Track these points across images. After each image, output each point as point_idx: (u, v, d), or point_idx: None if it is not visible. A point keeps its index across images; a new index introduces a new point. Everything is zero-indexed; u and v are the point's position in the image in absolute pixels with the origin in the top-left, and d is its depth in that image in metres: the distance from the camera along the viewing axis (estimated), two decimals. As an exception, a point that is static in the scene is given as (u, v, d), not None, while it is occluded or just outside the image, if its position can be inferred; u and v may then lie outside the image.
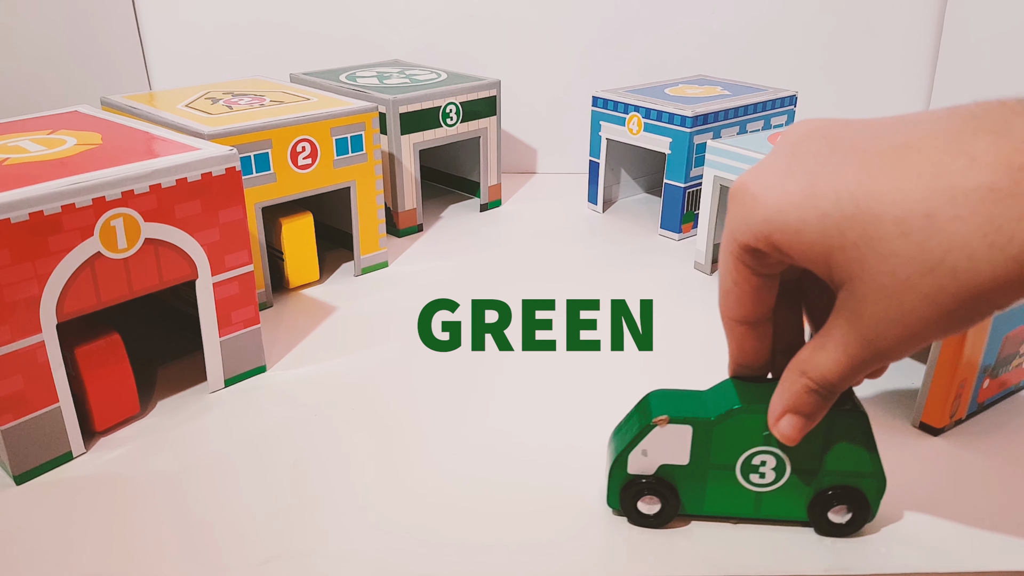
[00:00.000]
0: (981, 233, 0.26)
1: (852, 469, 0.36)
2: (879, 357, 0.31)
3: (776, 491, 0.37)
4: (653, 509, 0.37)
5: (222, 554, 0.36)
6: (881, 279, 0.28)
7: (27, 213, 0.37)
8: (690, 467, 0.37)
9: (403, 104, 0.68)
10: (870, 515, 0.37)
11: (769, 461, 0.36)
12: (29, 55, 0.78)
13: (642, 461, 0.37)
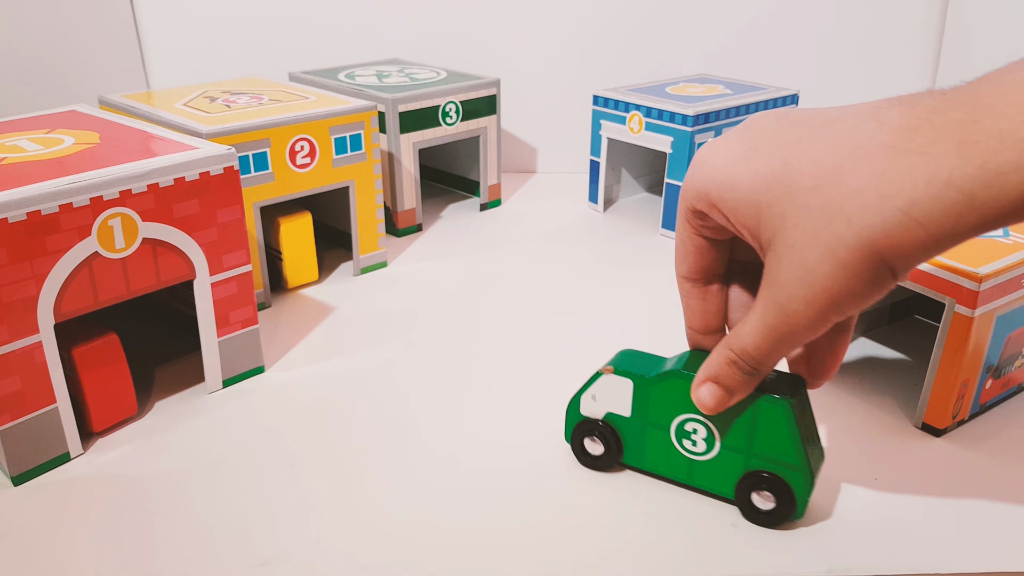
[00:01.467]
0: (874, 184, 0.28)
1: (778, 458, 0.36)
2: (791, 325, 0.32)
3: (708, 462, 0.38)
4: (597, 451, 0.40)
5: (220, 555, 0.35)
6: (795, 234, 0.30)
7: (25, 213, 0.37)
8: (632, 420, 0.39)
9: (402, 103, 0.68)
10: (795, 512, 0.37)
11: (700, 430, 0.38)
12: (27, 54, 0.78)
13: (592, 405, 0.40)
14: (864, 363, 0.52)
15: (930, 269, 0.43)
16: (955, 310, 0.42)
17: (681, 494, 0.39)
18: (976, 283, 0.41)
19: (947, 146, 0.27)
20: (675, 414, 0.38)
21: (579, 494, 0.39)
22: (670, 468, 0.39)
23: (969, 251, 0.43)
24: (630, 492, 0.40)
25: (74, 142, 0.45)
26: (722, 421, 0.37)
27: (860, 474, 0.41)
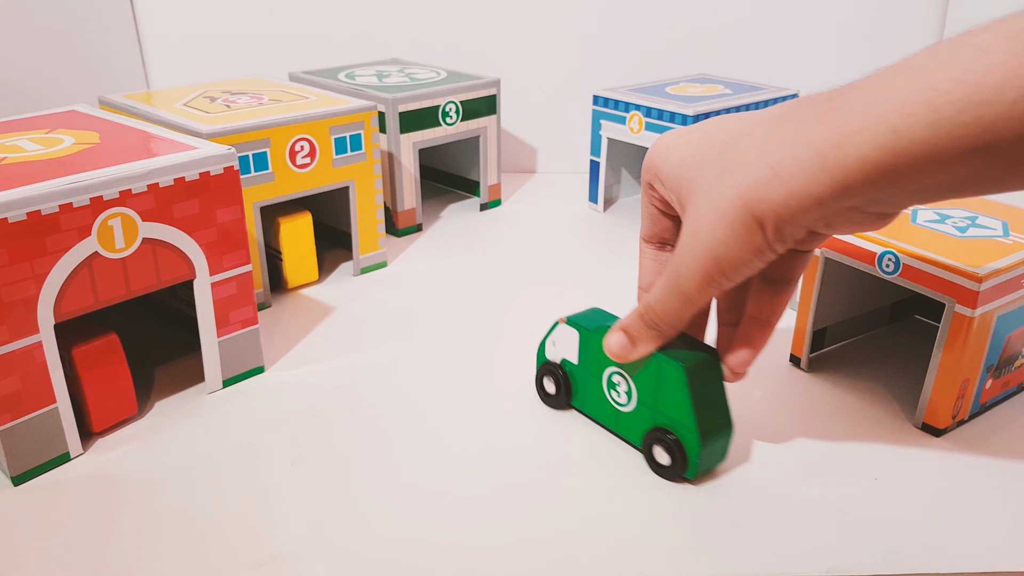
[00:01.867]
0: (757, 146, 0.32)
1: (676, 416, 0.39)
2: (681, 279, 0.35)
3: (627, 414, 0.42)
4: (552, 390, 0.46)
5: (220, 555, 0.35)
6: (697, 194, 0.34)
7: (25, 213, 0.37)
8: (578, 367, 0.44)
9: (402, 103, 0.68)
10: (686, 468, 0.39)
11: (622, 384, 0.42)
12: (27, 54, 0.78)
13: (552, 350, 0.46)
14: (864, 363, 0.52)
15: (930, 269, 0.43)
16: (955, 310, 0.42)
17: (681, 494, 0.39)
18: (976, 283, 0.41)
19: (816, 115, 0.30)
20: (606, 366, 0.42)
21: (580, 494, 0.39)
22: (602, 415, 0.44)
23: (969, 251, 0.43)
24: (630, 492, 0.40)
25: (74, 142, 0.45)
26: (638, 378, 0.41)
27: (860, 474, 0.41)
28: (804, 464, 0.42)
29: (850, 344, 0.54)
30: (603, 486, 0.40)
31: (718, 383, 0.40)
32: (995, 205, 0.51)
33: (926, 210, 0.50)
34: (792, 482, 0.40)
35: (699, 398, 0.39)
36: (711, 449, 0.39)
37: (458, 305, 0.60)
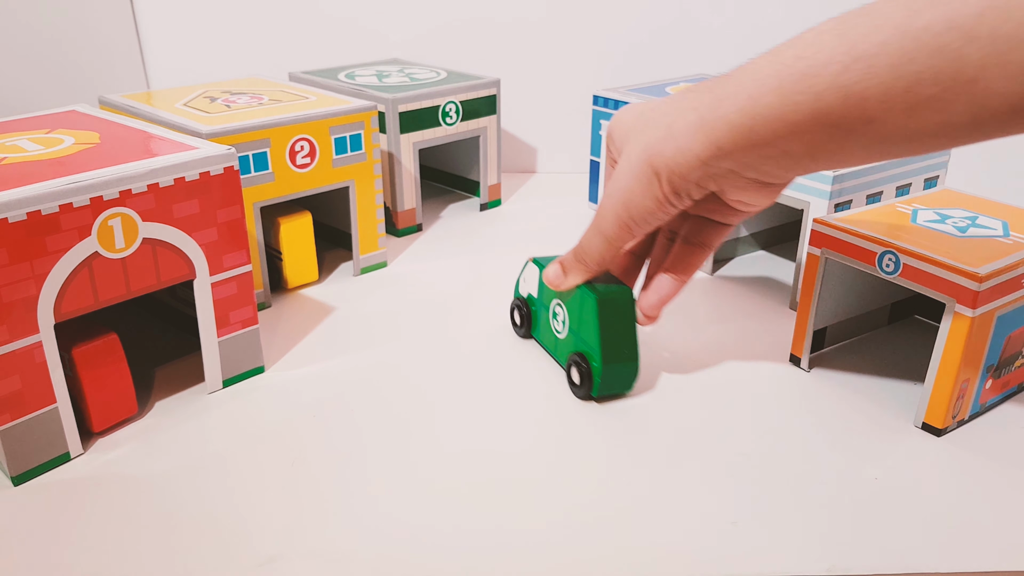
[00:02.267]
0: (662, 113, 0.38)
1: (589, 341, 0.46)
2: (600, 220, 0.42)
3: (562, 341, 0.49)
4: (518, 321, 0.54)
5: (220, 555, 0.35)
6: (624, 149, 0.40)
7: (25, 213, 0.37)
8: (537, 300, 0.52)
9: (402, 103, 0.68)
10: (592, 388, 0.46)
11: (560, 314, 0.49)
12: (27, 54, 0.78)
13: (523, 286, 0.54)
14: (864, 363, 0.52)
15: (930, 269, 0.43)
16: (955, 310, 0.42)
17: (681, 493, 0.39)
18: (976, 283, 0.41)
19: (708, 86, 0.36)
20: (552, 298, 0.49)
21: (579, 494, 0.39)
22: (547, 343, 0.51)
23: (969, 251, 0.43)
24: (630, 491, 0.40)
25: (74, 142, 0.45)
26: (569, 307, 0.47)
27: (860, 473, 0.41)
28: (804, 463, 0.42)
29: (850, 344, 0.54)
30: (603, 485, 0.40)
31: (629, 320, 0.45)
32: (995, 205, 0.51)
33: (926, 210, 0.50)
34: (792, 481, 0.40)
35: (607, 327, 0.45)
36: (613, 374, 0.46)
37: (458, 305, 0.60)
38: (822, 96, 0.32)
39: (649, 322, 0.46)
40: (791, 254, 0.67)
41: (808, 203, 0.55)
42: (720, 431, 0.45)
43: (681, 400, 0.47)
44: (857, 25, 0.31)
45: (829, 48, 0.32)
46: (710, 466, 0.42)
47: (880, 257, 0.45)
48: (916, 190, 0.60)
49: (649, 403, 0.47)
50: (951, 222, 0.48)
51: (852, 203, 0.56)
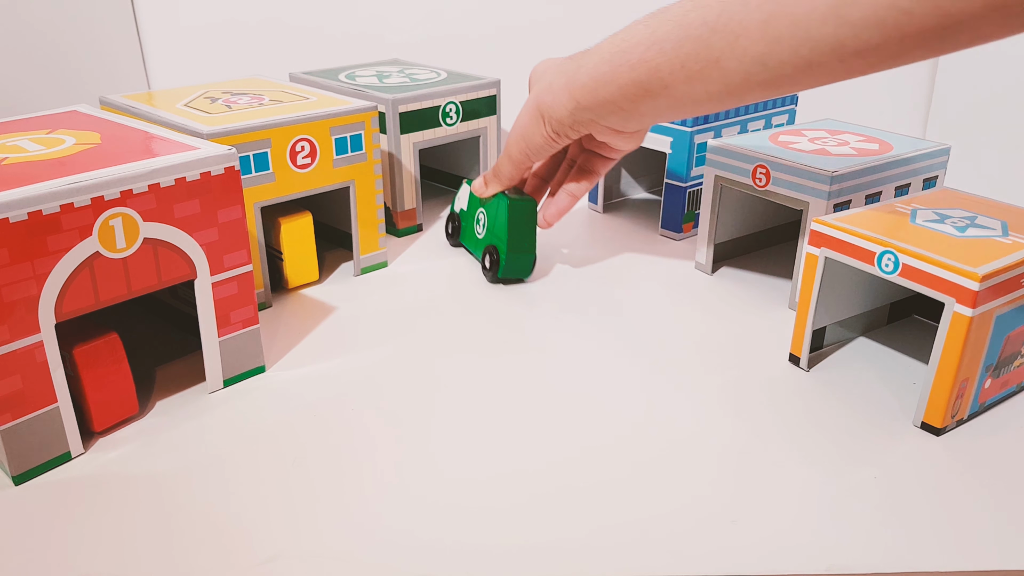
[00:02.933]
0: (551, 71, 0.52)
1: (499, 235, 0.61)
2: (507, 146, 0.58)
3: (481, 240, 0.64)
4: (451, 231, 0.69)
5: (221, 554, 0.35)
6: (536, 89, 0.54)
7: (26, 212, 0.37)
8: (466, 212, 0.67)
9: (403, 103, 0.68)
10: (499, 270, 0.61)
11: (482, 219, 0.63)
12: (28, 55, 0.78)
13: (456, 203, 0.69)
14: (864, 363, 0.52)
15: (929, 269, 0.43)
16: (954, 309, 0.42)
17: (680, 492, 0.40)
18: (975, 282, 0.41)
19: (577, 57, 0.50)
20: (476, 208, 0.64)
21: (578, 493, 0.40)
22: (470, 244, 0.66)
23: (968, 251, 0.44)
24: (629, 490, 0.40)
25: (75, 142, 0.45)
26: (489, 214, 0.62)
27: (859, 473, 0.41)
28: (803, 462, 0.42)
29: (849, 344, 0.54)
30: (602, 485, 0.40)
31: (532, 222, 0.60)
32: (994, 205, 0.51)
33: (925, 210, 0.50)
34: (791, 480, 0.41)
35: (514, 225, 0.59)
36: (515, 261, 0.61)
37: (458, 305, 0.60)
38: (635, 67, 0.45)
39: (547, 226, 0.61)
40: (791, 254, 0.67)
41: (808, 203, 0.55)
42: (719, 430, 0.45)
43: (680, 399, 0.48)
44: (657, 18, 0.44)
45: (639, 35, 0.45)
46: (709, 465, 0.42)
47: (879, 257, 0.45)
48: (915, 190, 0.60)
49: (648, 402, 0.47)
50: (950, 222, 0.48)
51: (851, 203, 0.56)
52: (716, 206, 0.63)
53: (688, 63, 0.42)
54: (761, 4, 0.39)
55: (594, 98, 0.48)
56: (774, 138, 0.62)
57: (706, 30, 0.41)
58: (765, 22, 0.39)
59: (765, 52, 0.39)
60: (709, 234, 0.64)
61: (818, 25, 0.37)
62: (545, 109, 0.52)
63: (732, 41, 0.40)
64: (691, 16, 0.42)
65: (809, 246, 0.49)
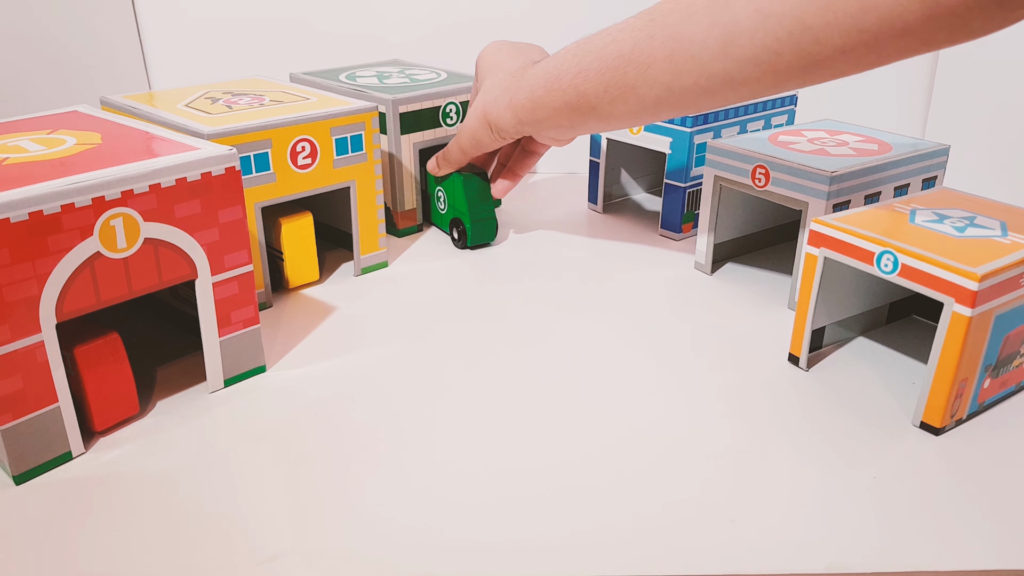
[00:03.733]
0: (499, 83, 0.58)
1: (461, 209, 0.68)
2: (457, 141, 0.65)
3: (443, 214, 0.71)
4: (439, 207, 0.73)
5: (222, 554, 0.35)
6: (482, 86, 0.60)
7: (27, 213, 0.37)
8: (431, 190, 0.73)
9: (403, 104, 0.68)
10: (466, 240, 0.68)
11: (442, 196, 0.71)
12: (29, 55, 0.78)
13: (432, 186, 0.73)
14: (863, 363, 0.52)
15: (929, 268, 0.43)
16: (953, 309, 0.42)
17: (680, 491, 0.40)
18: (974, 282, 0.41)
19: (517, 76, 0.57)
20: (435, 188, 0.71)
21: (579, 492, 0.40)
22: (439, 220, 0.73)
23: (967, 251, 0.44)
24: (628, 490, 0.40)
25: (76, 142, 0.45)
26: (447, 191, 0.70)
27: (859, 473, 0.41)
28: (802, 462, 0.42)
29: (848, 343, 0.54)
30: (602, 484, 0.40)
31: (486, 192, 0.68)
32: (993, 205, 0.51)
33: (924, 210, 0.50)
34: (790, 480, 0.41)
35: (471, 197, 0.67)
36: (480, 229, 0.69)
37: (458, 305, 0.60)
38: (566, 91, 0.52)
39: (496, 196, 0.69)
40: (790, 254, 0.67)
41: (807, 203, 0.55)
42: (719, 430, 0.45)
43: (680, 399, 0.48)
44: (583, 48, 0.51)
45: (567, 63, 0.52)
46: (709, 464, 0.42)
47: (879, 257, 0.45)
48: (914, 190, 0.60)
49: (648, 402, 0.47)
50: (949, 222, 0.48)
51: (851, 203, 0.56)
52: (716, 206, 0.63)
53: (609, 89, 0.49)
54: (665, 41, 0.46)
55: (533, 116, 0.55)
56: (773, 138, 0.62)
57: (622, 61, 0.48)
58: (669, 57, 0.46)
59: (671, 80, 0.47)
60: (709, 234, 0.64)
61: (710, 61, 0.44)
62: (491, 119, 0.58)
63: (643, 71, 0.47)
64: (609, 48, 0.49)
65: (808, 246, 0.49)
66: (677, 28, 0.45)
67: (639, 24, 0.48)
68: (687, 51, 0.45)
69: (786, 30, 0.40)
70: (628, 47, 0.48)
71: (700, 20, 0.44)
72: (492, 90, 0.58)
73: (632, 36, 0.48)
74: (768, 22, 0.41)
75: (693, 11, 0.45)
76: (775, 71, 0.42)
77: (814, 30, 0.39)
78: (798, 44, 0.40)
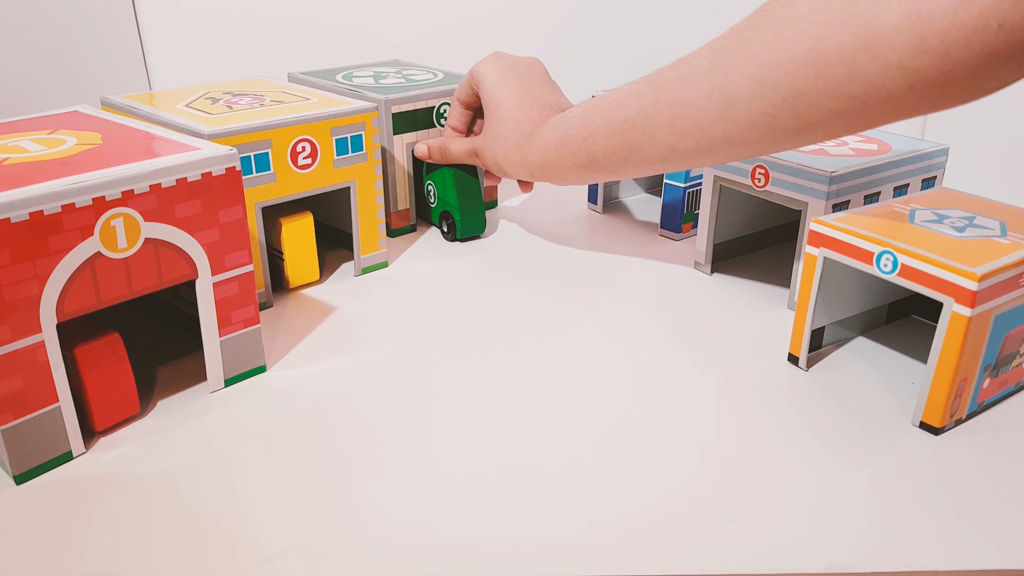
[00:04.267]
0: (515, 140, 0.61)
1: (451, 202, 0.70)
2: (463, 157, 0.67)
3: (434, 208, 0.73)
4: None
5: (222, 553, 0.36)
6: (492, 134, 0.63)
7: (27, 213, 0.37)
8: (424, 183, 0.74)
9: (395, 104, 0.68)
10: (456, 232, 0.71)
11: (432, 190, 0.72)
12: (29, 55, 0.78)
13: None
14: (862, 362, 0.52)
15: (928, 268, 0.43)
16: (953, 309, 0.42)
17: (679, 491, 0.40)
18: (974, 282, 0.41)
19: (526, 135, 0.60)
20: (426, 181, 0.72)
21: (577, 492, 0.40)
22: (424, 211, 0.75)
23: (967, 251, 0.44)
24: (627, 490, 0.40)
25: (76, 143, 0.45)
26: (436, 184, 0.71)
27: (858, 472, 0.41)
28: (802, 462, 0.42)
29: (848, 343, 0.54)
30: (601, 484, 0.40)
31: (476, 186, 0.70)
32: (992, 205, 0.51)
33: (924, 210, 0.50)
34: (790, 480, 0.41)
35: (461, 192, 0.69)
36: (469, 222, 0.70)
37: (458, 305, 0.60)
38: (576, 154, 0.55)
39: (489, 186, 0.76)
40: (790, 254, 0.67)
41: (807, 203, 0.55)
42: (718, 429, 0.45)
43: (679, 398, 0.48)
44: (591, 112, 0.54)
45: (577, 126, 0.55)
46: (708, 464, 0.42)
47: (878, 257, 0.45)
48: (914, 190, 0.60)
49: (647, 402, 0.47)
50: (949, 222, 0.48)
51: (850, 203, 0.56)
52: (715, 206, 0.63)
53: (617, 150, 0.53)
54: (668, 107, 0.48)
55: (546, 174, 0.59)
56: (773, 138, 0.62)
57: (628, 126, 0.51)
58: (672, 121, 0.48)
59: (674, 143, 0.49)
60: (708, 234, 0.64)
61: (711, 124, 0.46)
62: (503, 169, 0.63)
63: (649, 134, 0.50)
64: (616, 114, 0.52)
65: (808, 246, 0.49)
66: (679, 94, 0.48)
67: (644, 90, 0.50)
68: (689, 116, 0.47)
69: (781, 96, 0.42)
70: (634, 112, 0.50)
71: (700, 87, 0.46)
72: (502, 143, 0.61)
73: (637, 102, 0.50)
74: (764, 89, 0.43)
75: (694, 79, 0.47)
76: (772, 133, 0.44)
77: (807, 96, 0.41)
78: (793, 109, 0.42)
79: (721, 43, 0.46)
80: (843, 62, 0.39)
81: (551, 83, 0.65)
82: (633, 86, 0.52)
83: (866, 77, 0.39)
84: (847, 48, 0.39)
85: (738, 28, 0.45)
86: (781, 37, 0.42)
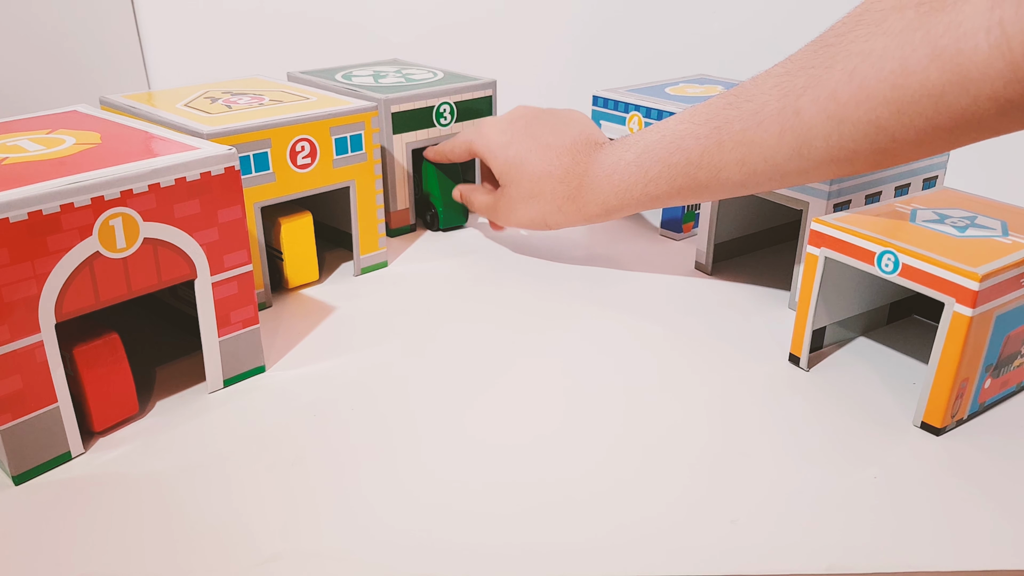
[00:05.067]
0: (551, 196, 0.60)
1: (434, 192, 0.72)
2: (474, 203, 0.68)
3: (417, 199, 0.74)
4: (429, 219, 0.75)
5: (221, 554, 0.35)
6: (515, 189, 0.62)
7: (26, 212, 0.37)
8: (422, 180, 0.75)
9: (395, 104, 0.68)
10: (438, 223, 0.73)
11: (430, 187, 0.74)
12: (28, 55, 0.78)
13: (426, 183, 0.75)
14: (863, 363, 0.52)
15: (929, 268, 0.43)
16: (954, 309, 0.42)
17: (679, 492, 0.40)
18: (975, 282, 0.41)
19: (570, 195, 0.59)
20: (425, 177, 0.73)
21: (577, 493, 0.40)
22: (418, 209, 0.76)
23: (968, 251, 0.44)
24: (627, 490, 0.40)
25: (75, 142, 0.45)
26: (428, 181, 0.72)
27: (859, 473, 0.41)
28: (803, 462, 0.42)
29: (849, 343, 0.54)
30: (601, 485, 0.40)
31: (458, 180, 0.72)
32: (993, 205, 0.51)
33: (925, 210, 0.50)
34: (791, 480, 0.41)
35: (443, 184, 0.72)
36: (451, 214, 0.73)
37: (458, 305, 0.60)
38: (640, 199, 0.55)
39: None
40: (791, 254, 0.67)
41: (807, 203, 0.55)
42: (719, 430, 0.45)
43: (680, 399, 0.48)
44: (645, 157, 0.54)
45: (633, 175, 0.55)
46: (709, 465, 0.42)
47: (879, 257, 0.45)
48: (915, 190, 0.60)
49: (647, 402, 0.47)
50: (950, 222, 0.48)
51: (851, 203, 0.56)
52: (716, 206, 0.63)
53: (682, 191, 0.53)
54: (734, 148, 0.48)
55: (607, 218, 0.59)
56: (774, 138, 0.62)
57: (692, 168, 0.51)
58: (741, 160, 0.48)
59: (744, 179, 0.49)
60: (709, 234, 0.64)
61: (784, 162, 0.46)
62: (559, 223, 0.61)
63: (715, 174, 0.50)
64: (676, 157, 0.51)
65: (809, 246, 0.49)
66: (747, 135, 0.47)
67: (703, 132, 0.50)
68: (759, 154, 0.47)
69: (862, 133, 0.42)
70: (696, 155, 0.50)
71: (769, 128, 0.45)
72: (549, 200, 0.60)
73: (699, 144, 0.50)
74: (843, 127, 0.42)
75: (761, 120, 0.46)
76: (850, 162, 0.44)
77: (890, 130, 0.41)
78: (874, 143, 0.42)
79: (786, 80, 0.45)
80: (930, 97, 0.38)
81: (549, 118, 0.63)
82: (686, 126, 0.51)
83: (955, 109, 0.38)
84: (934, 83, 0.38)
85: (802, 64, 0.44)
86: (858, 74, 0.40)
